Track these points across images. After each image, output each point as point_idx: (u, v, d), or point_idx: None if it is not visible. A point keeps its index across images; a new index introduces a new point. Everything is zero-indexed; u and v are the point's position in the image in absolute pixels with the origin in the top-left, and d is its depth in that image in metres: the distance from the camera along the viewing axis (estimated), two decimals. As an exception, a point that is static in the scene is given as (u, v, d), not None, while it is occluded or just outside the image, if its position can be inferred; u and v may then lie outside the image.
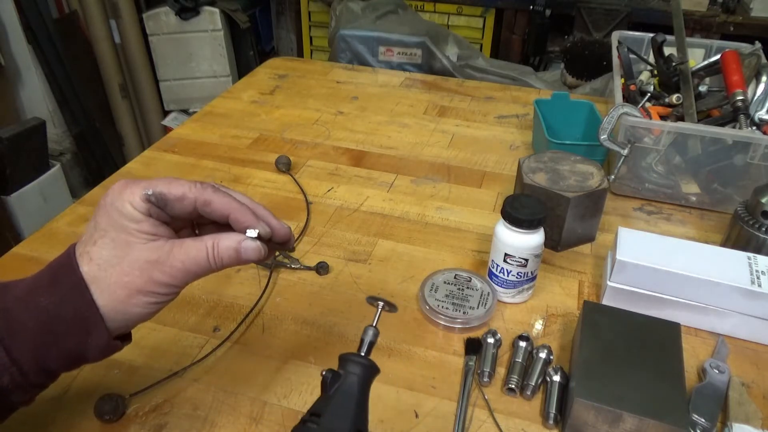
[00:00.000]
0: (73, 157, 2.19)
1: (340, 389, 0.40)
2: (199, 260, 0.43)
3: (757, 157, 0.77)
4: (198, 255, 0.43)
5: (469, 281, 0.67)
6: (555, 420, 0.53)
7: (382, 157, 0.96)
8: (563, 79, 2.02)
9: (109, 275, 0.42)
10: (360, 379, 0.41)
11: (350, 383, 0.40)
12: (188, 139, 1.00)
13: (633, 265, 0.62)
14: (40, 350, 0.41)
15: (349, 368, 0.41)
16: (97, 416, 0.52)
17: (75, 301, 0.41)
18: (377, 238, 0.77)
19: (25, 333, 0.40)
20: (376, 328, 0.44)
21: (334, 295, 0.68)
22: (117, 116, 2.37)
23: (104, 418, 0.52)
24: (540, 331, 0.64)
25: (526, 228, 0.62)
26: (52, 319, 0.41)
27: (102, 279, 0.41)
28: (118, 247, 0.42)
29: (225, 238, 0.44)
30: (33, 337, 0.41)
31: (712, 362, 0.58)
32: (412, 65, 1.84)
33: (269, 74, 1.26)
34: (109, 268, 0.42)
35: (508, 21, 2.20)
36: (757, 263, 0.62)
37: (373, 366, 0.42)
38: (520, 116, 1.11)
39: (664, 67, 0.92)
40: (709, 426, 0.52)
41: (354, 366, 0.41)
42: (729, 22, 1.92)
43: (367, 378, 0.41)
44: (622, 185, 0.86)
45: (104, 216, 0.42)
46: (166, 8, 2.26)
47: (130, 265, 0.42)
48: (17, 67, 2.00)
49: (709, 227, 0.81)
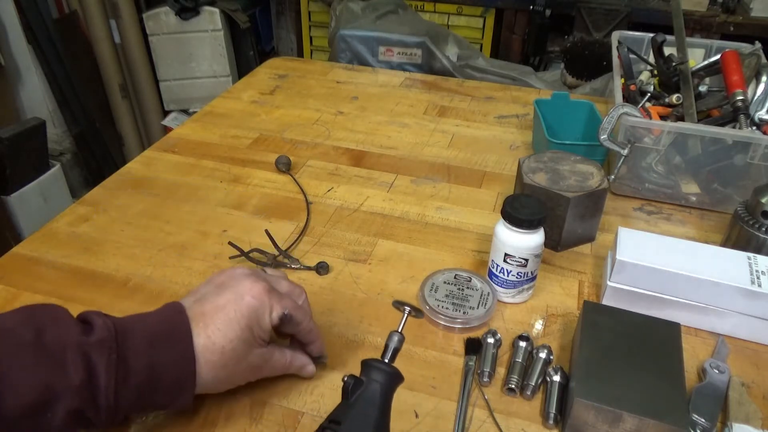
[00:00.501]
0: (73, 157, 2.19)
1: (362, 396, 0.39)
2: (278, 370, 0.54)
3: (757, 157, 0.77)
4: (280, 367, 0.54)
5: (469, 281, 0.67)
6: (555, 420, 0.53)
7: (382, 157, 0.96)
8: (563, 79, 2.02)
9: (218, 359, 0.48)
10: (383, 386, 0.39)
11: (372, 391, 0.39)
12: (188, 139, 1.00)
13: (633, 265, 0.62)
14: (137, 402, 0.45)
15: (372, 375, 0.40)
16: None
17: (182, 367, 0.46)
18: (377, 238, 0.77)
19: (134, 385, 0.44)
20: (401, 334, 0.43)
21: (334, 295, 0.68)
22: (117, 116, 2.37)
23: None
24: (540, 331, 0.64)
25: (526, 228, 0.62)
26: (157, 377, 0.45)
27: (209, 360, 0.47)
28: (240, 344, 0.48)
29: (298, 358, 0.55)
30: (137, 389, 0.45)
31: (712, 362, 0.58)
32: (412, 65, 1.84)
33: (269, 74, 1.26)
34: (221, 354, 0.48)
35: (508, 21, 2.20)
36: (757, 263, 0.62)
37: (396, 374, 0.41)
38: (520, 116, 1.11)
39: (664, 67, 0.92)
40: (709, 426, 0.52)
41: (377, 373, 0.40)
42: (729, 22, 1.92)
43: (391, 386, 0.40)
44: (622, 185, 0.86)
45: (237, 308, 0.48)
46: (166, 8, 2.26)
47: (239, 364, 0.49)
48: (17, 67, 2.00)
49: (709, 227, 0.81)
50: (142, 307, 0.52)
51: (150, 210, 0.81)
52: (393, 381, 0.40)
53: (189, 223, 0.78)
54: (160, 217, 0.80)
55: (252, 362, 0.50)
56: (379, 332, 0.63)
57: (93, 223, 0.79)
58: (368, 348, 0.61)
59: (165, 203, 0.83)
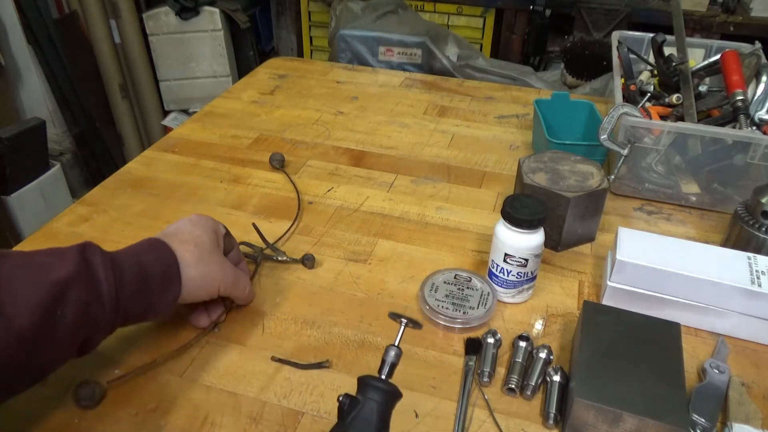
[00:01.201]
0: (73, 157, 2.19)
1: (358, 417, 0.37)
2: (238, 282, 0.61)
3: (757, 157, 0.77)
4: (236, 278, 0.61)
5: (469, 281, 0.67)
6: (555, 420, 0.53)
7: (382, 157, 0.96)
8: (563, 79, 2.02)
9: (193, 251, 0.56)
10: (380, 405, 0.38)
11: (369, 409, 0.37)
12: (188, 139, 1.00)
13: (633, 265, 0.62)
14: (134, 300, 0.51)
15: (368, 394, 0.38)
16: (75, 401, 0.53)
17: (166, 261, 0.54)
18: (377, 238, 0.77)
19: (128, 280, 0.50)
20: (398, 348, 0.41)
21: (334, 295, 0.68)
22: (117, 116, 2.37)
23: (81, 403, 0.53)
24: (540, 331, 0.64)
25: (526, 228, 0.62)
26: (147, 273, 0.52)
27: (187, 252, 0.55)
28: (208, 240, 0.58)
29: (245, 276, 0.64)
30: (132, 285, 0.51)
31: (712, 362, 0.58)
32: (412, 65, 1.84)
33: (269, 74, 1.26)
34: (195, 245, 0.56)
35: (508, 21, 2.20)
36: (757, 263, 0.62)
37: (394, 391, 0.39)
38: (520, 116, 1.11)
39: (664, 67, 0.92)
40: (709, 426, 0.52)
41: (373, 391, 0.38)
42: (729, 22, 1.92)
43: (388, 404, 0.38)
44: (622, 185, 0.86)
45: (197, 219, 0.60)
46: (166, 8, 2.26)
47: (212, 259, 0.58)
48: (17, 67, 2.00)
49: (709, 227, 0.81)
50: (142, 307, 0.52)
51: (150, 210, 0.81)
52: (390, 399, 0.39)
53: (189, 223, 0.78)
54: (160, 217, 0.80)
55: (221, 261, 0.59)
56: (379, 332, 0.63)
57: (93, 223, 0.79)
58: (368, 348, 0.61)
59: (165, 203, 0.82)
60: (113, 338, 0.60)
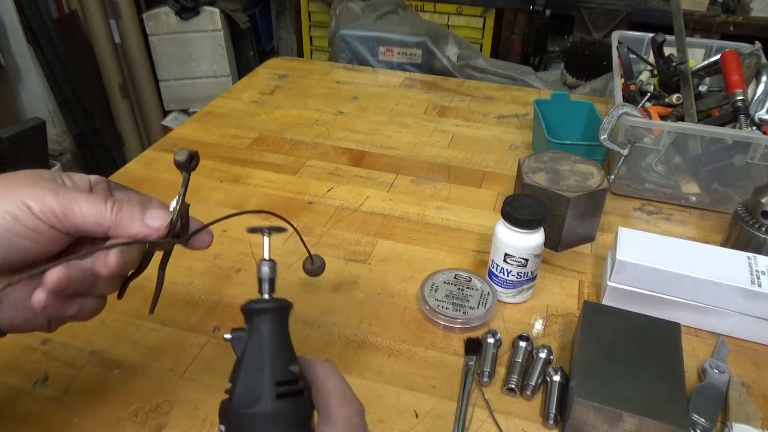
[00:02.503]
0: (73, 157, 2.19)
1: (249, 345, 0.34)
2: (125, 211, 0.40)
3: (757, 157, 0.77)
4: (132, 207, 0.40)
5: (469, 281, 0.67)
6: (555, 420, 0.53)
7: (382, 157, 0.96)
8: (563, 79, 2.02)
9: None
10: (271, 325, 0.35)
11: (257, 334, 0.35)
12: (188, 139, 1.00)
13: (633, 265, 0.62)
14: None
15: (254, 321, 0.35)
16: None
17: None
18: (377, 238, 0.77)
19: None
20: (270, 261, 0.37)
21: (334, 295, 0.68)
22: (117, 116, 2.37)
23: None
24: (540, 331, 0.64)
25: (526, 228, 0.62)
26: None
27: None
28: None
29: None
30: None
31: (712, 362, 0.58)
32: (412, 65, 1.84)
33: (269, 74, 1.26)
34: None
35: (508, 21, 2.20)
36: (757, 263, 0.62)
37: (280, 306, 0.35)
38: (520, 116, 1.11)
39: (664, 67, 0.92)
40: (709, 426, 0.52)
41: (258, 315, 0.35)
42: (729, 22, 1.92)
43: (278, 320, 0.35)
44: (622, 185, 0.86)
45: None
46: (166, 8, 2.26)
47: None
48: (17, 67, 2.00)
49: (709, 227, 0.81)
50: (142, 308, 0.52)
51: (150, 210, 0.81)
52: (278, 314, 0.35)
53: (189, 223, 0.78)
54: (160, 217, 0.79)
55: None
56: (379, 332, 0.63)
57: (93, 223, 0.78)
58: (368, 348, 0.61)
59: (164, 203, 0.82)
60: (112, 338, 0.60)
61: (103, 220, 0.38)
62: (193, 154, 0.41)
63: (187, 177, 0.42)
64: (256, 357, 0.34)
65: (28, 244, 0.36)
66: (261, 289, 0.37)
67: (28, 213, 0.36)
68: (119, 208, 0.39)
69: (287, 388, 0.33)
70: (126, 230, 0.38)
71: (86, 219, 0.37)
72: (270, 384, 0.33)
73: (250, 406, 0.32)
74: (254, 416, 0.32)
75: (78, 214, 0.37)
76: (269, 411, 0.32)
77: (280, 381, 0.33)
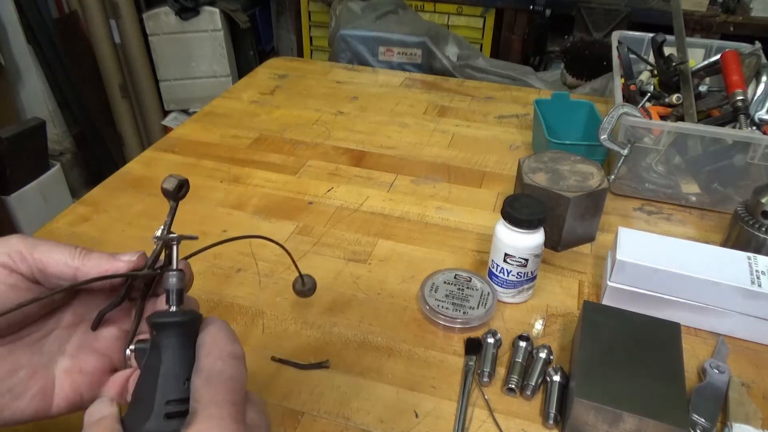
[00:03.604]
0: (73, 157, 2.20)
1: (147, 361, 0.33)
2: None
3: (757, 157, 0.77)
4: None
5: (469, 281, 0.67)
6: (555, 420, 0.53)
7: (382, 157, 0.96)
8: (563, 79, 2.02)
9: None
10: (169, 339, 0.33)
11: (155, 348, 0.33)
12: (188, 139, 1.00)
13: (633, 265, 0.62)
14: None
15: (154, 333, 0.34)
16: None
17: None
18: (377, 238, 0.77)
19: None
20: (178, 271, 0.36)
21: (334, 295, 0.68)
22: (117, 116, 2.37)
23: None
24: (540, 331, 0.64)
25: (526, 228, 0.62)
26: None
27: None
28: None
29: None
30: None
31: (712, 362, 0.58)
32: (412, 65, 1.84)
33: (269, 74, 1.26)
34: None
35: (508, 21, 2.20)
36: (757, 263, 0.62)
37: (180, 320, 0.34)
38: (520, 116, 1.11)
39: (664, 67, 0.92)
40: (709, 426, 0.52)
41: (156, 328, 0.34)
42: (729, 22, 1.92)
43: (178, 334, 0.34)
44: (622, 185, 0.86)
45: None
46: (166, 8, 2.26)
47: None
48: (17, 67, 2.00)
49: (709, 227, 0.81)
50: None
51: (150, 210, 0.81)
52: (180, 329, 0.34)
53: (189, 223, 0.78)
54: (160, 217, 0.79)
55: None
56: (379, 332, 0.63)
57: (93, 223, 0.79)
58: (368, 348, 0.61)
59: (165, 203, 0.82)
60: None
61: (71, 260, 0.37)
62: (183, 182, 0.41)
63: (174, 206, 0.41)
64: (151, 373, 0.33)
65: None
66: (168, 300, 0.36)
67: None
68: (88, 251, 0.39)
69: (178, 406, 0.32)
70: (94, 269, 0.38)
71: (53, 256, 0.37)
72: (161, 401, 0.32)
73: (140, 424, 0.31)
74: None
75: (44, 254, 0.37)
76: (156, 430, 0.31)
77: (170, 399, 0.32)
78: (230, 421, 0.30)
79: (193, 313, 0.35)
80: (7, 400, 0.36)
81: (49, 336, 0.38)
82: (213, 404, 0.31)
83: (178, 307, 0.36)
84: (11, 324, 0.36)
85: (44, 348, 0.38)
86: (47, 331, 0.38)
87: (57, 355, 0.38)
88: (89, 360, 0.38)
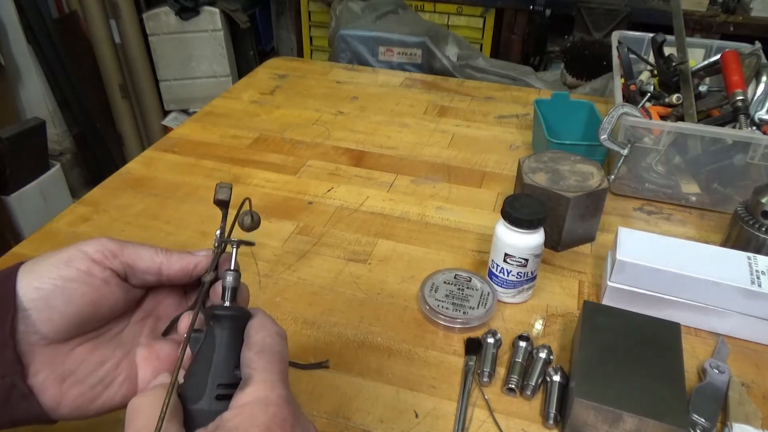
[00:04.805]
0: (73, 157, 2.19)
1: (201, 348, 0.37)
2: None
3: (757, 157, 0.77)
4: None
5: (469, 281, 0.67)
6: (555, 420, 0.53)
7: (382, 157, 0.96)
8: (563, 79, 2.01)
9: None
10: (224, 330, 0.37)
11: (210, 337, 0.37)
12: (188, 139, 1.00)
13: (633, 265, 0.62)
14: None
15: (210, 324, 0.38)
16: None
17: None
18: (377, 238, 0.77)
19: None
20: (236, 271, 0.40)
21: (334, 295, 0.68)
22: (117, 116, 2.37)
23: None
24: (540, 331, 0.64)
25: (526, 228, 0.62)
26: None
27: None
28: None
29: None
30: None
31: (712, 362, 0.58)
32: (412, 65, 1.84)
33: (269, 74, 1.26)
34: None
35: (508, 21, 2.20)
36: (757, 263, 0.62)
37: (235, 314, 0.38)
38: (520, 116, 1.11)
39: (664, 67, 0.92)
40: (709, 426, 0.52)
41: (213, 320, 0.37)
42: (729, 22, 1.92)
43: (231, 327, 0.37)
44: (622, 185, 0.86)
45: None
46: (166, 8, 2.26)
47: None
48: (17, 67, 2.00)
49: (709, 227, 0.81)
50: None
51: (150, 210, 0.81)
52: (234, 322, 0.38)
53: (189, 223, 0.78)
54: (160, 217, 0.80)
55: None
56: (379, 332, 0.63)
57: (93, 223, 0.79)
58: (368, 348, 0.61)
59: (165, 203, 0.82)
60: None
61: (156, 256, 0.42)
62: (231, 188, 0.49)
63: (225, 213, 0.49)
64: (205, 358, 0.36)
65: (84, 289, 0.38)
66: (223, 296, 0.39)
67: (83, 255, 0.38)
68: (168, 250, 0.43)
69: (227, 390, 0.35)
70: (176, 264, 0.42)
71: (141, 255, 0.41)
72: (212, 384, 0.35)
73: (193, 403, 0.35)
74: (195, 412, 0.35)
75: (133, 252, 0.41)
76: (207, 409, 0.34)
77: (221, 383, 0.35)
78: (281, 385, 0.34)
79: (244, 309, 0.39)
80: (99, 390, 0.39)
81: (123, 331, 0.42)
82: (266, 371, 0.35)
83: (231, 303, 0.39)
84: (99, 319, 0.40)
85: (122, 341, 0.42)
86: (121, 327, 0.42)
87: (134, 347, 0.42)
88: (164, 347, 0.43)
